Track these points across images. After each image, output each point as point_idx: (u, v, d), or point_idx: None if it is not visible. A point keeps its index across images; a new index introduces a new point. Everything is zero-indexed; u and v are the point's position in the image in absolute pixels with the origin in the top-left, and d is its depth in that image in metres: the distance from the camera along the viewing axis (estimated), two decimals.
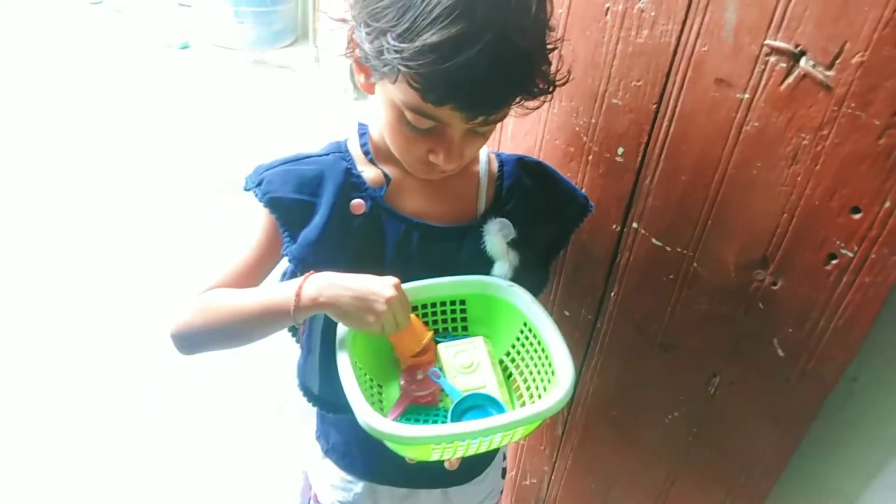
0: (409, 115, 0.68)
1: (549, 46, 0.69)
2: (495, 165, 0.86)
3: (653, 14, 0.78)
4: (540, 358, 0.78)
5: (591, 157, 0.92)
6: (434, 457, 0.71)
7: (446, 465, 0.76)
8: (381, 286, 0.71)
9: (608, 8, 0.82)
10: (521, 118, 0.83)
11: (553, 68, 0.70)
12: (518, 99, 0.70)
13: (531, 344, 0.80)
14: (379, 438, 0.68)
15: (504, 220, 0.80)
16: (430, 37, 0.60)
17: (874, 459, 0.79)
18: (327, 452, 0.98)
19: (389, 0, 0.62)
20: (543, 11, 0.67)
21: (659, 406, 0.96)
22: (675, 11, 0.76)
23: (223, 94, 3.73)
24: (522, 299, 0.80)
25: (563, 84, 0.73)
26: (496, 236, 0.80)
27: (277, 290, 0.74)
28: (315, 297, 0.71)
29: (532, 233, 0.83)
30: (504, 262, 0.81)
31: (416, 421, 0.78)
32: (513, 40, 0.62)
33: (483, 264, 0.81)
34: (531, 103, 0.71)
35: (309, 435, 1.03)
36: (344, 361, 0.72)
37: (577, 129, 0.93)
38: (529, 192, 0.85)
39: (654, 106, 0.81)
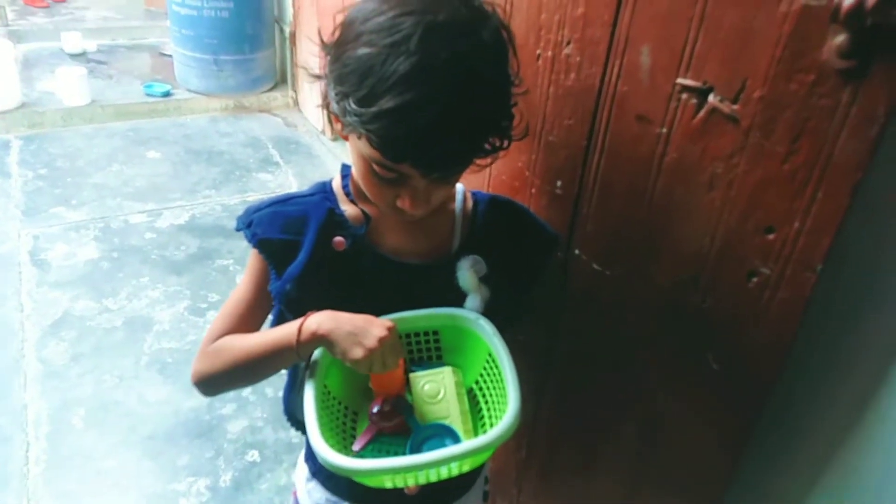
0: (374, 166, 0.72)
1: (512, 102, 0.72)
2: (470, 204, 0.90)
3: (578, 59, 0.84)
4: (501, 387, 0.81)
5: (534, 191, 0.98)
6: (388, 485, 0.75)
7: (406, 491, 0.80)
8: (375, 326, 0.76)
9: (539, 54, 0.89)
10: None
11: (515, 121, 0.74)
12: (473, 158, 0.73)
13: (494, 374, 0.83)
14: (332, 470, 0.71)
15: (476, 256, 0.84)
16: (386, 102, 0.63)
17: (814, 463, 0.83)
18: (315, 474, 1.01)
19: (352, 66, 0.66)
20: (505, 72, 0.70)
21: (613, 424, 1.00)
22: (597, 56, 0.82)
23: (204, 137, 3.81)
24: (486, 330, 0.83)
25: (521, 139, 0.76)
26: (469, 272, 0.84)
27: (282, 329, 0.79)
28: (314, 331, 0.76)
29: (503, 268, 0.86)
30: (476, 295, 0.85)
31: (383, 449, 0.81)
32: (469, 105, 0.65)
33: (457, 298, 0.85)
34: (483, 161, 0.75)
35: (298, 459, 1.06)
36: (309, 394, 0.76)
37: (520, 164, 0.99)
38: (501, 230, 0.89)
39: (585, 142, 0.87)
